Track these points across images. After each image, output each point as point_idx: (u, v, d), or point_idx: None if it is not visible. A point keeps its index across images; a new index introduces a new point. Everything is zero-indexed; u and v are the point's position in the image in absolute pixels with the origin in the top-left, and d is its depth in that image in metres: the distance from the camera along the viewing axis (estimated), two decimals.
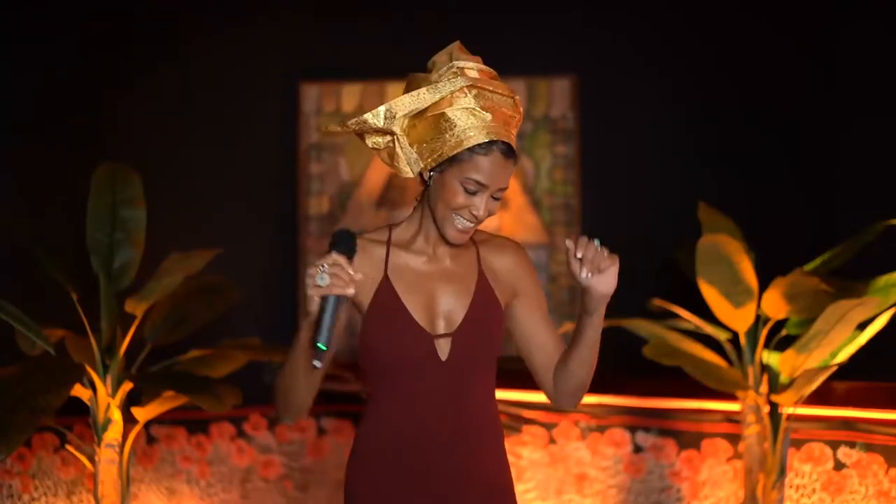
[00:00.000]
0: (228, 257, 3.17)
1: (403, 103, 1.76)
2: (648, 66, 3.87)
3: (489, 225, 3.30)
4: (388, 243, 1.87)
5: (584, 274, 1.73)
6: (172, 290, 2.96)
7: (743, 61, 3.80)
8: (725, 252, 2.91)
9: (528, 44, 3.87)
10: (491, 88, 1.75)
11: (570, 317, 3.75)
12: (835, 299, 2.72)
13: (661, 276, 3.53)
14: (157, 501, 3.52)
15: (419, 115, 1.77)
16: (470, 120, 1.74)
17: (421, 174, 1.82)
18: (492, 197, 1.79)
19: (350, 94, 3.95)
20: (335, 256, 1.64)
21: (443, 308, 1.85)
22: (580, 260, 1.73)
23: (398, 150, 1.81)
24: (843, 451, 3.03)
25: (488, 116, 1.74)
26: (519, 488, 3.38)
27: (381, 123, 1.78)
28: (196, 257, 3.00)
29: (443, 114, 1.74)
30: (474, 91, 1.74)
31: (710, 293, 2.96)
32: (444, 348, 1.83)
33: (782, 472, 2.95)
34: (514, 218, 3.89)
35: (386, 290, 1.84)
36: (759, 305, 2.96)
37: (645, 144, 3.88)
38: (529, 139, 3.88)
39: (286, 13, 3.97)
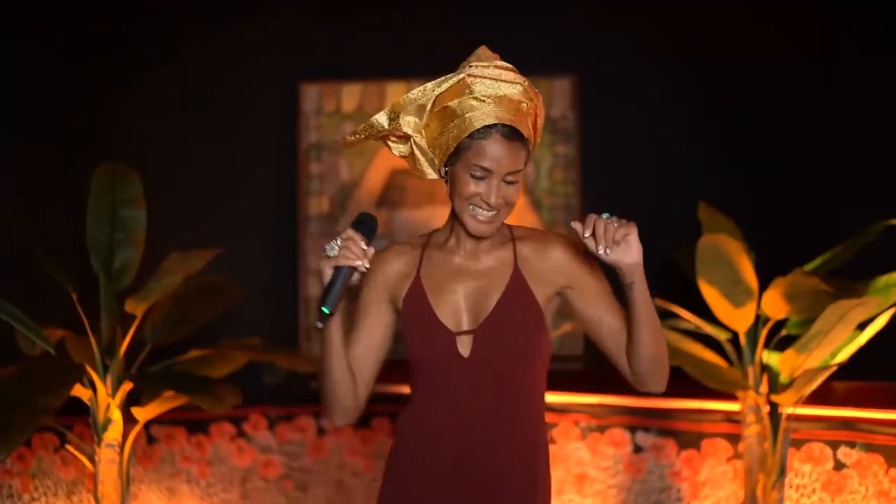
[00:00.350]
0: (228, 257, 3.17)
1: (406, 100, 1.77)
2: (648, 66, 3.86)
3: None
4: (425, 246, 1.89)
5: (601, 250, 1.70)
6: (172, 290, 2.97)
7: (743, 61, 3.80)
8: (725, 252, 2.90)
9: (528, 44, 3.86)
10: (494, 76, 1.74)
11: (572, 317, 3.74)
12: (835, 299, 2.72)
13: (661, 276, 3.50)
14: (157, 501, 3.52)
15: (430, 113, 1.77)
16: (471, 109, 1.73)
17: (440, 173, 1.83)
18: (504, 181, 1.78)
19: (350, 94, 3.94)
20: (350, 231, 1.71)
21: (469, 305, 1.84)
22: (594, 238, 1.70)
23: (416, 152, 1.82)
24: (843, 451, 3.03)
25: (490, 102, 1.73)
26: None
27: (386, 125, 1.79)
28: (196, 257, 3.01)
29: (446, 107, 1.75)
30: (477, 81, 1.73)
31: (710, 293, 2.96)
32: (466, 345, 1.82)
33: (782, 472, 2.95)
34: (514, 218, 3.82)
35: (415, 290, 1.85)
36: (759, 305, 2.96)
37: (645, 144, 3.87)
38: None
39: (286, 13, 3.96)
